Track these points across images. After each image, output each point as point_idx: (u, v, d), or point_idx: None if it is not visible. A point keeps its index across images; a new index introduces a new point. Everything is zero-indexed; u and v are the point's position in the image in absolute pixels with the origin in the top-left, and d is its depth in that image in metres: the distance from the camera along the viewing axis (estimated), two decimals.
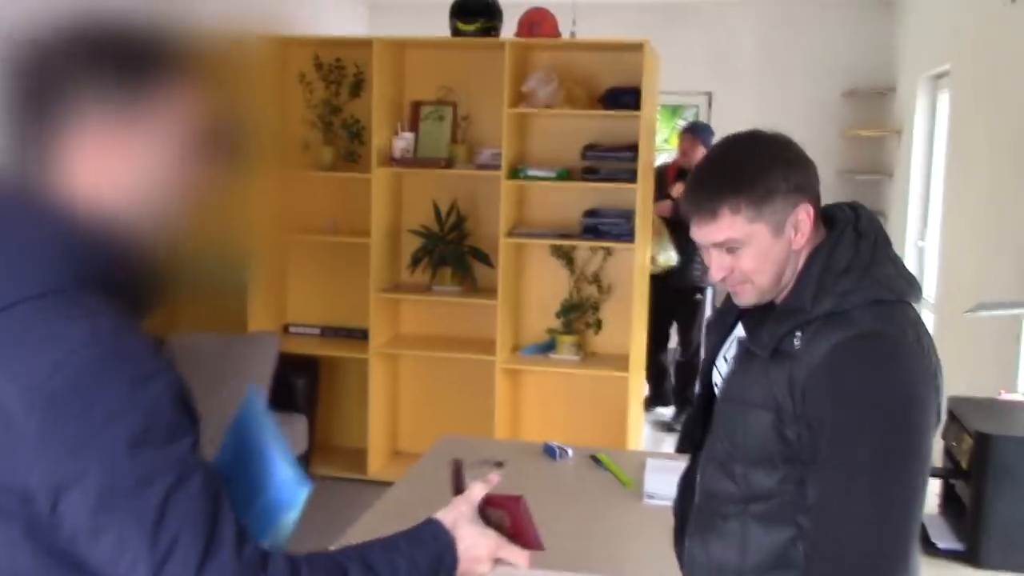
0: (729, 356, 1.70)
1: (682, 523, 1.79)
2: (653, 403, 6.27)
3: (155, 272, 1.15)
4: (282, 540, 1.25)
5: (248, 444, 1.27)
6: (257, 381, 4.45)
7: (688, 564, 1.73)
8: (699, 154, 5.63)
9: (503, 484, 1.34)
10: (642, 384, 5.23)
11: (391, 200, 5.09)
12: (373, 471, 5.03)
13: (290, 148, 5.02)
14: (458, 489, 1.35)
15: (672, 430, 6.11)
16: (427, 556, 1.21)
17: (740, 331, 1.70)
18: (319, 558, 1.13)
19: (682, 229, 2.23)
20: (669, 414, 6.29)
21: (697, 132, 6.03)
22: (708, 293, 6.16)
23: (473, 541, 1.26)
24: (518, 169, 4.79)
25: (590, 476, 2.90)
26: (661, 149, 7.36)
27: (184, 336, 4.30)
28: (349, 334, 5.25)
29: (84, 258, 1.06)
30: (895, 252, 1.60)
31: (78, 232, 1.06)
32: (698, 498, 1.72)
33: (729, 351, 1.72)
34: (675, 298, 5.92)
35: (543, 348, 4.98)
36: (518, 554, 1.29)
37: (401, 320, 5.29)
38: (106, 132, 1.08)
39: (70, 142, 1.07)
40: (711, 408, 1.72)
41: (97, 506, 1.00)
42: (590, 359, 4.92)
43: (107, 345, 1.02)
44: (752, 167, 1.54)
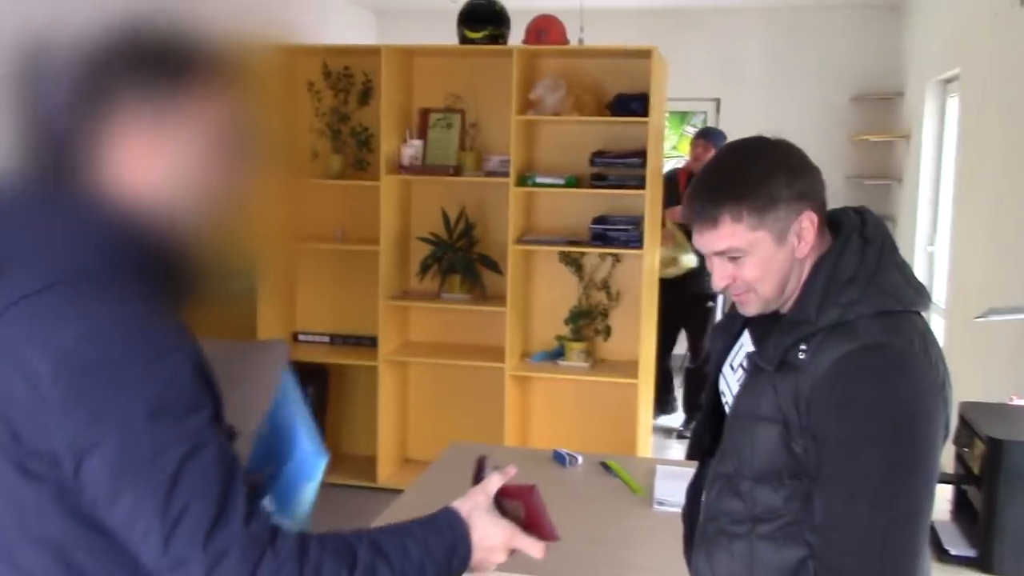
0: (735, 363, 1.69)
1: (691, 530, 1.77)
2: (657, 412, 6.25)
3: (185, 262, 1.22)
4: (303, 515, 1.30)
5: (279, 421, 1.36)
6: (266, 389, 4.46)
7: None
8: None
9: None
10: (651, 391, 5.21)
11: (400, 208, 5.10)
12: (383, 479, 5.03)
13: (299, 156, 5.03)
14: (478, 483, 1.36)
15: (683, 437, 6.09)
16: (441, 544, 1.23)
17: (746, 338, 1.69)
18: (330, 538, 1.17)
19: None
20: (673, 421, 6.27)
21: (710, 137, 6.03)
22: (719, 300, 6.15)
23: (488, 531, 1.27)
24: (526, 176, 4.79)
25: (600, 483, 2.90)
26: (669, 156, 7.36)
27: None
28: (358, 342, 5.25)
29: (118, 246, 1.13)
30: (903, 258, 1.58)
31: (114, 221, 1.14)
32: (703, 516, 1.69)
33: (735, 358, 1.70)
34: (687, 304, 5.91)
35: (552, 355, 4.97)
36: (533, 544, 1.30)
37: (410, 327, 5.30)
38: (146, 130, 1.16)
39: (113, 139, 1.16)
40: (718, 414, 1.71)
41: (114, 472, 1.06)
42: (599, 366, 4.91)
43: (131, 322, 1.09)
44: (754, 174, 1.52)
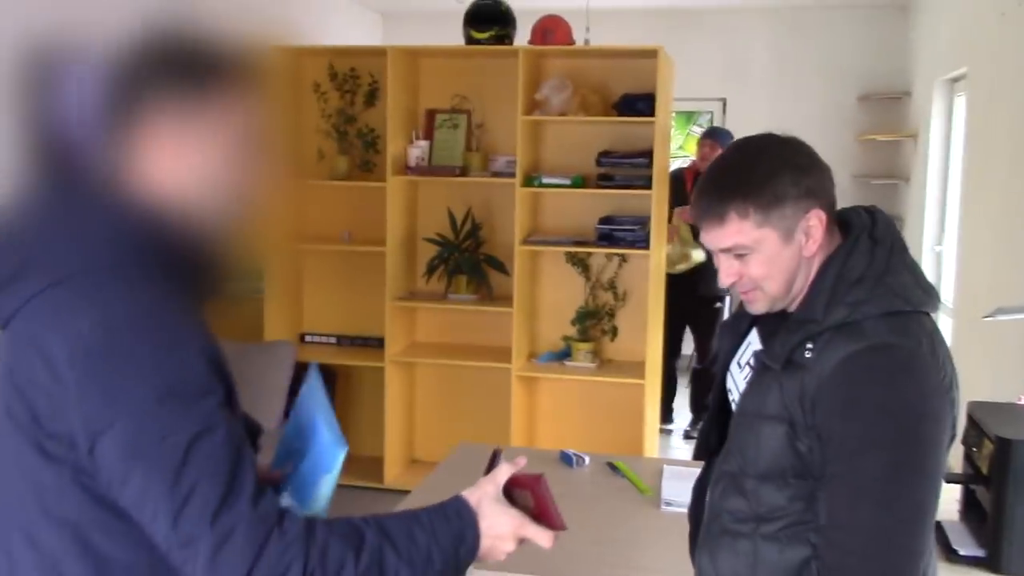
0: (743, 361, 1.69)
1: (697, 528, 1.77)
2: (661, 420, 6.22)
3: (207, 261, 1.26)
4: (321, 508, 1.31)
5: (303, 414, 1.38)
6: (273, 390, 4.47)
7: None
8: None
9: None
10: (658, 391, 5.21)
11: (406, 208, 5.10)
12: (389, 480, 5.03)
13: (305, 157, 5.04)
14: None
15: (690, 437, 6.09)
16: (449, 531, 1.24)
17: (754, 336, 1.68)
18: (338, 521, 1.19)
19: None
20: (675, 428, 6.25)
21: (716, 137, 6.02)
22: (727, 301, 6.14)
23: (496, 519, 1.28)
24: (533, 176, 4.79)
25: (607, 483, 2.90)
26: (676, 155, 7.36)
27: None
28: (365, 343, 5.26)
29: (139, 242, 1.18)
30: (913, 259, 1.57)
31: (136, 219, 1.18)
32: (707, 515, 1.69)
33: (743, 356, 1.70)
34: (695, 305, 5.90)
35: (559, 356, 4.97)
36: (542, 533, 1.31)
37: (417, 328, 5.30)
38: (172, 131, 1.21)
39: (140, 140, 1.21)
40: (725, 412, 1.71)
41: (125, 452, 1.10)
42: (606, 366, 4.91)
43: (143, 310, 1.13)
44: (761, 171, 1.52)
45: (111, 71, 1.21)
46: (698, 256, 5.62)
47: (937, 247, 6.11)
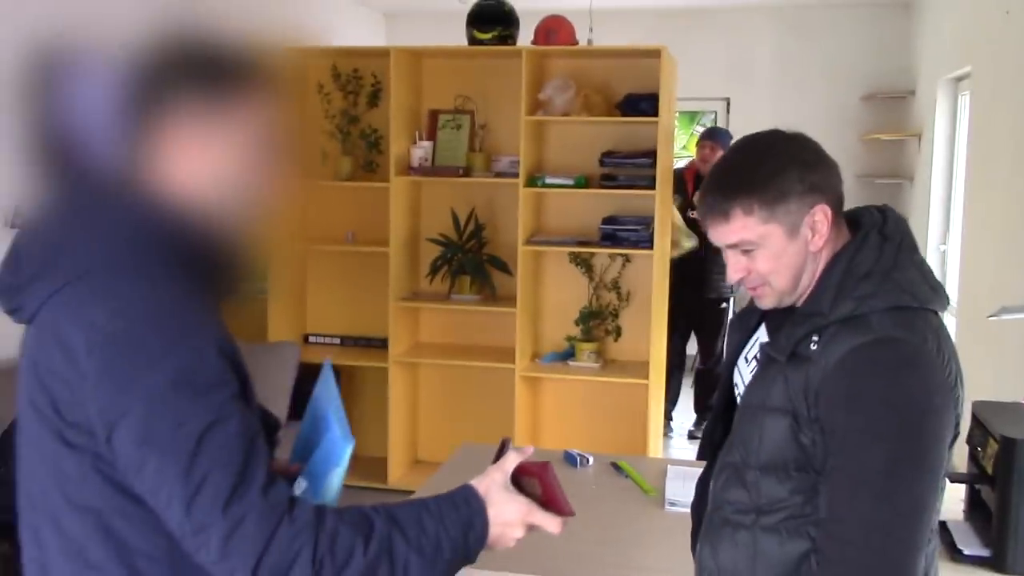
0: (750, 356, 1.69)
1: (699, 524, 1.77)
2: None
3: (226, 260, 1.29)
4: (332, 498, 1.33)
5: (318, 408, 1.41)
6: (277, 391, 4.47)
7: (697, 571, 1.72)
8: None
9: None
10: (662, 391, 5.20)
11: (409, 209, 5.10)
12: (393, 480, 5.04)
13: (310, 157, 5.04)
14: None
15: (694, 437, 6.08)
16: (458, 519, 1.25)
17: (763, 331, 1.69)
18: (348, 510, 1.20)
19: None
20: (673, 434, 6.24)
21: (716, 138, 6.02)
22: (731, 303, 6.14)
23: (505, 507, 1.29)
24: (536, 177, 4.79)
25: (611, 483, 2.90)
26: (679, 155, 7.35)
27: None
28: (368, 343, 5.26)
29: (159, 240, 1.20)
30: (922, 257, 1.57)
31: (157, 217, 1.21)
32: (710, 506, 1.70)
33: (751, 352, 1.70)
34: (699, 306, 5.89)
35: (562, 356, 4.97)
36: (550, 519, 1.32)
37: (420, 329, 5.30)
38: (195, 132, 1.23)
39: (163, 141, 1.23)
40: (731, 409, 1.71)
41: (139, 440, 1.13)
42: (610, 366, 4.91)
43: (158, 302, 1.16)
44: (766, 167, 1.53)
45: (130, 73, 1.24)
46: (689, 243, 5.60)
47: (941, 246, 6.10)
